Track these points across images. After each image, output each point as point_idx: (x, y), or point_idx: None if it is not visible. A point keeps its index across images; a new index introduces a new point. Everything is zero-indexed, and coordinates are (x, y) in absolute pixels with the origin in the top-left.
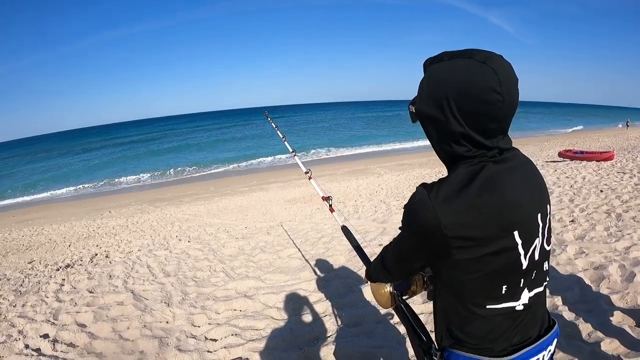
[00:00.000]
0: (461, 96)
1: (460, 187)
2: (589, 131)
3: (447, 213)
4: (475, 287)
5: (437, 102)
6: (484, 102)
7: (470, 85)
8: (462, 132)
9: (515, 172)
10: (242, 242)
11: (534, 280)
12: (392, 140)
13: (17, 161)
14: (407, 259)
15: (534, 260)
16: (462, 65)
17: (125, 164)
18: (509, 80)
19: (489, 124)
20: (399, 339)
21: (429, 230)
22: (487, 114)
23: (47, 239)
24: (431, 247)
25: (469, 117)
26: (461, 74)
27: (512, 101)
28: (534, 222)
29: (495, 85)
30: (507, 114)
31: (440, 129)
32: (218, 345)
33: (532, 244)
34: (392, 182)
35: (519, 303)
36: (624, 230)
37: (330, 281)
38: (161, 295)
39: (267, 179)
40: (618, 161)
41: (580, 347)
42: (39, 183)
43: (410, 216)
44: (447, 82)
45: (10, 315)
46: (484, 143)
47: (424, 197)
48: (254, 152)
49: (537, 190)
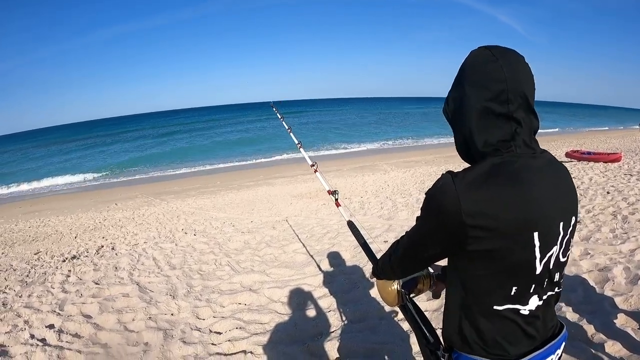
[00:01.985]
0: (470, 81)
1: (486, 177)
2: (596, 132)
3: (469, 200)
4: (486, 284)
5: (457, 92)
6: (487, 76)
7: (475, 68)
8: (476, 117)
9: (545, 174)
10: (247, 236)
11: (544, 289)
12: (399, 137)
13: (27, 153)
14: (421, 246)
15: (548, 268)
16: (478, 58)
17: (134, 156)
18: (510, 61)
19: (496, 106)
20: (403, 335)
21: (449, 214)
22: (490, 90)
23: (53, 230)
24: (448, 233)
25: (475, 96)
26: (473, 60)
27: (513, 75)
28: (554, 229)
29: (496, 67)
30: (515, 100)
31: (463, 110)
32: (222, 338)
33: (549, 251)
34: (399, 179)
35: (525, 308)
36: (630, 233)
37: (335, 277)
38: (166, 288)
39: (274, 173)
40: (625, 163)
41: (583, 348)
42: (46, 174)
43: (431, 200)
44: (464, 74)
45: (16, 306)
46: (503, 133)
47: (448, 181)
48: (261, 147)
49: (565, 199)
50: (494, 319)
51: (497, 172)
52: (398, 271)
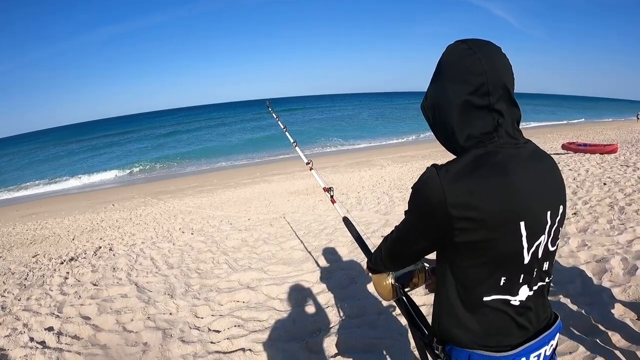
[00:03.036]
0: (449, 74)
1: (470, 169)
2: (593, 124)
3: (454, 192)
4: (475, 275)
5: (435, 92)
6: (465, 70)
7: (452, 63)
8: (457, 109)
9: (529, 164)
10: (245, 234)
11: (534, 279)
12: (395, 132)
13: (22, 155)
14: (409, 240)
15: (537, 257)
16: (455, 50)
17: (125, 156)
18: (488, 53)
19: (476, 99)
20: (401, 330)
21: (435, 206)
22: (468, 82)
23: (51, 232)
24: (434, 225)
25: (452, 87)
26: (451, 54)
27: (496, 77)
28: (542, 218)
29: (473, 57)
30: (491, 79)
31: (442, 120)
32: (221, 336)
33: (536, 240)
34: (395, 173)
35: (515, 298)
36: (627, 224)
37: (332, 273)
38: (165, 287)
39: (270, 171)
40: (622, 154)
41: (582, 339)
42: (42, 176)
43: (416, 194)
44: (442, 61)
45: (15, 309)
46: (485, 124)
47: (432, 174)
48: (257, 145)
49: (553, 187)
50: (485, 310)
51: (481, 164)
52: (390, 265)
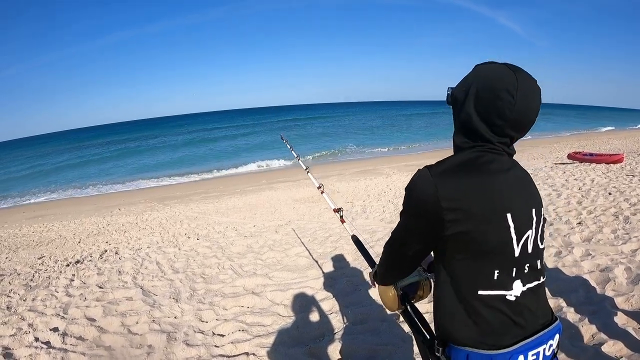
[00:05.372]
0: (483, 86)
1: (460, 166)
2: (598, 133)
3: (444, 186)
4: (468, 269)
5: (466, 85)
6: (497, 97)
7: (493, 81)
8: (473, 118)
9: (512, 171)
10: (250, 240)
11: (526, 275)
12: (401, 141)
13: (26, 159)
14: (405, 241)
15: (527, 251)
16: (495, 67)
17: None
18: (527, 92)
19: (495, 118)
20: (404, 337)
21: (427, 201)
22: (496, 107)
23: (57, 235)
24: (427, 220)
25: (480, 103)
26: (490, 72)
27: (522, 109)
28: (527, 213)
29: (512, 89)
30: (515, 117)
31: (459, 111)
32: (225, 340)
33: (524, 233)
34: (401, 182)
35: (510, 293)
36: (631, 233)
37: (336, 279)
38: (170, 291)
39: (277, 178)
40: (627, 164)
41: (584, 348)
42: (49, 180)
43: (409, 191)
44: (478, 74)
45: (20, 309)
46: (487, 137)
47: (424, 172)
48: (262, 153)
49: (532, 192)
50: (481, 307)
51: (471, 161)
52: (389, 274)
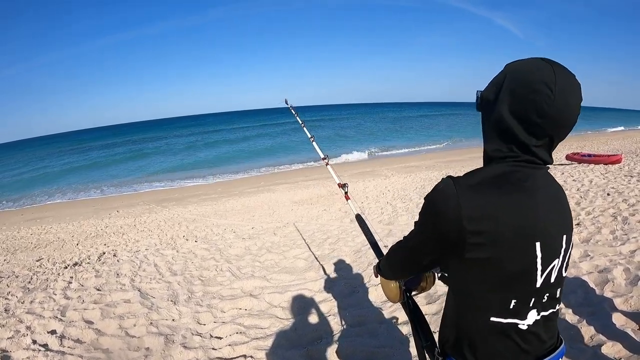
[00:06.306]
0: (516, 81)
1: (489, 182)
2: (597, 134)
3: (470, 203)
4: (485, 295)
5: (497, 84)
6: (533, 90)
7: (528, 74)
8: (505, 117)
9: (547, 188)
10: (248, 242)
11: (544, 304)
12: (400, 143)
13: (27, 160)
14: (417, 253)
15: (549, 281)
16: (529, 60)
17: (131, 164)
18: (565, 86)
19: (532, 114)
20: (402, 339)
21: (448, 219)
22: (533, 102)
23: (55, 237)
24: (447, 239)
25: (515, 100)
26: (524, 66)
27: (561, 104)
28: (557, 240)
29: (550, 82)
30: (554, 114)
31: (490, 113)
32: (223, 342)
33: (550, 263)
34: (399, 184)
35: (523, 322)
36: (630, 234)
37: (335, 282)
38: (168, 294)
39: (275, 180)
40: (626, 164)
41: (583, 349)
42: (48, 183)
43: (430, 204)
44: (510, 69)
45: (18, 312)
46: (522, 139)
47: (449, 185)
48: (262, 156)
49: (564, 213)
50: (491, 332)
51: (501, 177)
52: (395, 275)
